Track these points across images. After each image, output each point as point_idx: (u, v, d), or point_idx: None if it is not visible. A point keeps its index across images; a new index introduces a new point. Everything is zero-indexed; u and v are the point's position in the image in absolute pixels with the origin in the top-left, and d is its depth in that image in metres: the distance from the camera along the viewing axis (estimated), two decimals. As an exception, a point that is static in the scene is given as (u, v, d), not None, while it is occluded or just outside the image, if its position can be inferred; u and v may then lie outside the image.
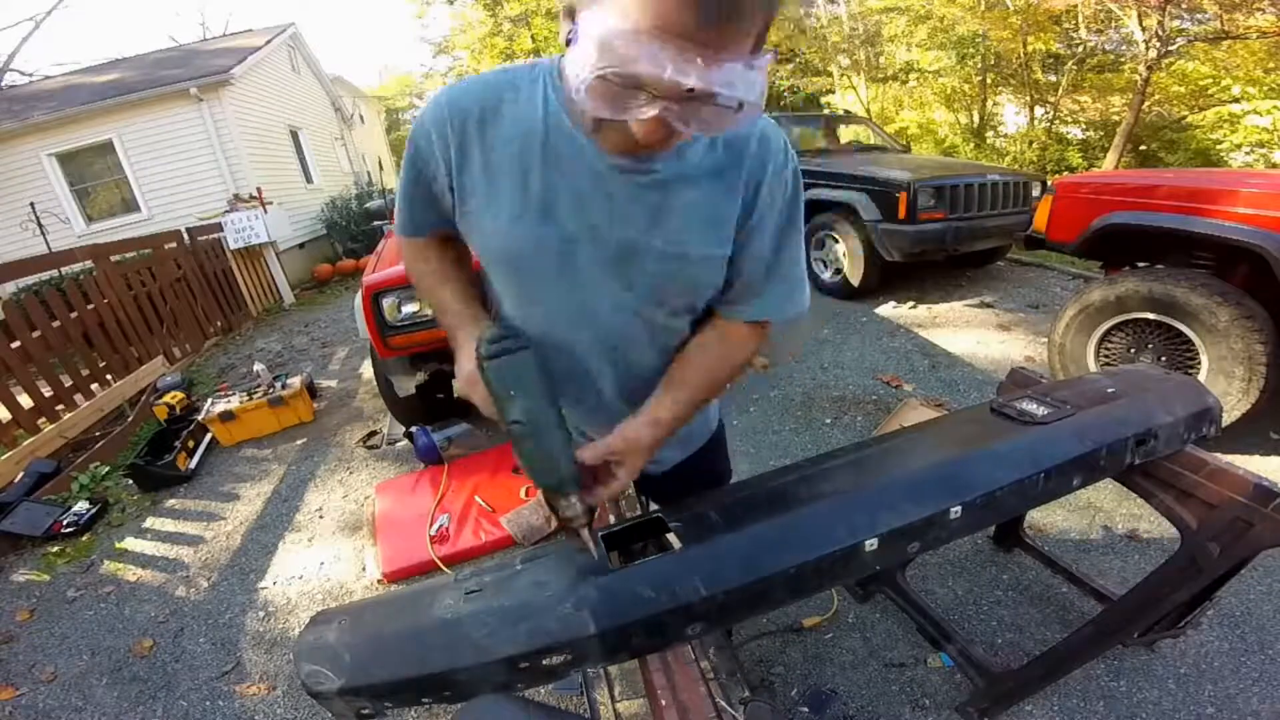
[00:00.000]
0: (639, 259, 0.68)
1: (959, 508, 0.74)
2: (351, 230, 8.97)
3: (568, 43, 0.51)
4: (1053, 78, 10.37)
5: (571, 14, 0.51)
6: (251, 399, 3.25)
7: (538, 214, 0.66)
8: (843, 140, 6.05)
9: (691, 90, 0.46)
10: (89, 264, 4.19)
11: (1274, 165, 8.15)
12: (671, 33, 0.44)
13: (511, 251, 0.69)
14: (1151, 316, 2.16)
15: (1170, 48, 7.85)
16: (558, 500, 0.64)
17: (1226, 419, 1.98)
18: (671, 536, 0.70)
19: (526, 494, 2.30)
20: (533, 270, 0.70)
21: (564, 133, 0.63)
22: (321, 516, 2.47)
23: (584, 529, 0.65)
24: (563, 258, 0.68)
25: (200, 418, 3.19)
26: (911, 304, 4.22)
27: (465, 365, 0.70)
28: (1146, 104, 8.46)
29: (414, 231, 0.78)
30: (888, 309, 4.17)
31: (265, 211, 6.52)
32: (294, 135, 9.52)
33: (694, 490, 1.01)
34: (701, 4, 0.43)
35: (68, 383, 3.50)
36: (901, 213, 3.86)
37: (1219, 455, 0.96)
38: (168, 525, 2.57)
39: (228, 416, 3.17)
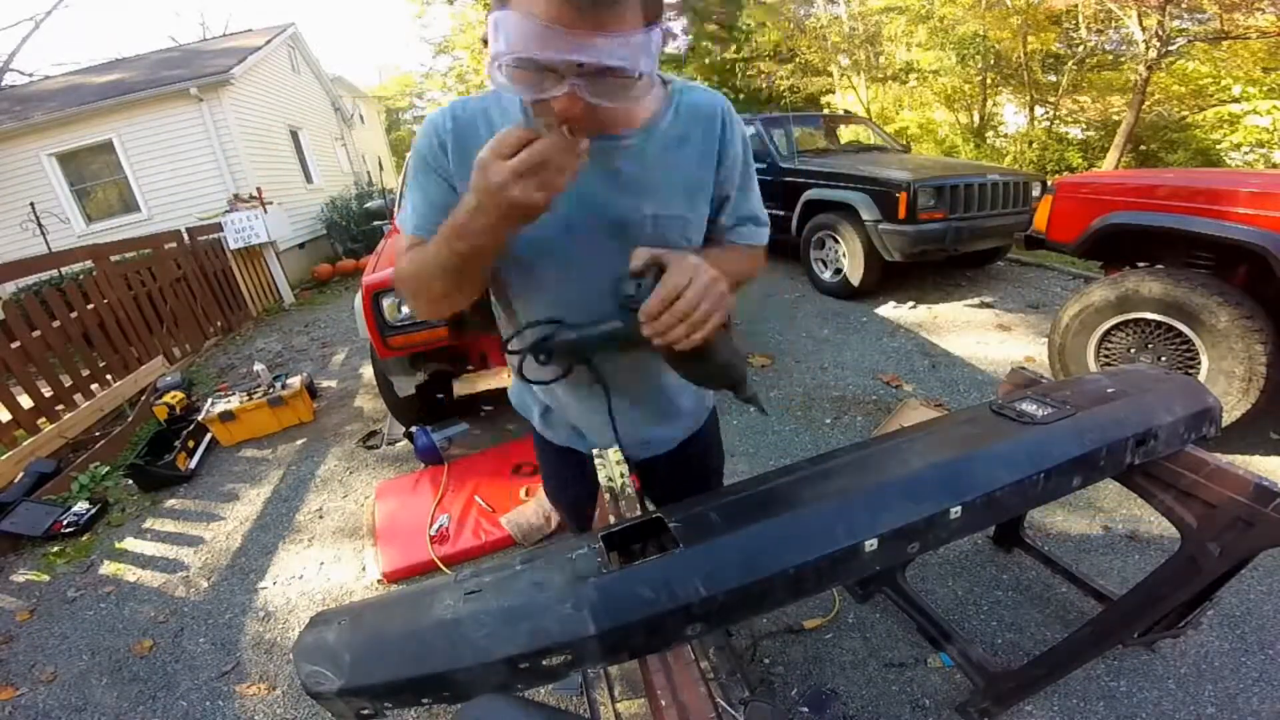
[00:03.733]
0: (633, 230, 0.74)
1: (959, 508, 0.74)
2: (351, 230, 8.97)
3: (484, 41, 0.58)
4: (1053, 78, 10.37)
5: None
6: (251, 399, 3.25)
7: None
8: (843, 140, 6.05)
9: (582, 65, 0.53)
10: (89, 264, 4.20)
11: (1274, 165, 8.14)
12: (556, 19, 0.50)
13: (518, 251, 0.73)
14: (1152, 316, 2.16)
15: (1170, 48, 7.85)
16: (745, 385, 0.74)
17: (1226, 419, 1.98)
18: (671, 537, 0.70)
19: (526, 494, 2.30)
20: (538, 260, 0.75)
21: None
22: (321, 517, 2.47)
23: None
24: (565, 244, 0.73)
25: (200, 418, 3.19)
26: (911, 304, 4.22)
27: (479, 179, 0.61)
28: (1146, 104, 8.45)
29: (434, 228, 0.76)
30: (888, 309, 4.17)
31: (265, 211, 6.52)
32: (294, 135, 9.52)
33: (693, 478, 1.04)
34: None
35: (68, 383, 3.51)
36: (901, 213, 3.86)
37: (1219, 455, 0.96)
38: (168, 525, 2.57)
39: (228, 416, 3.17)
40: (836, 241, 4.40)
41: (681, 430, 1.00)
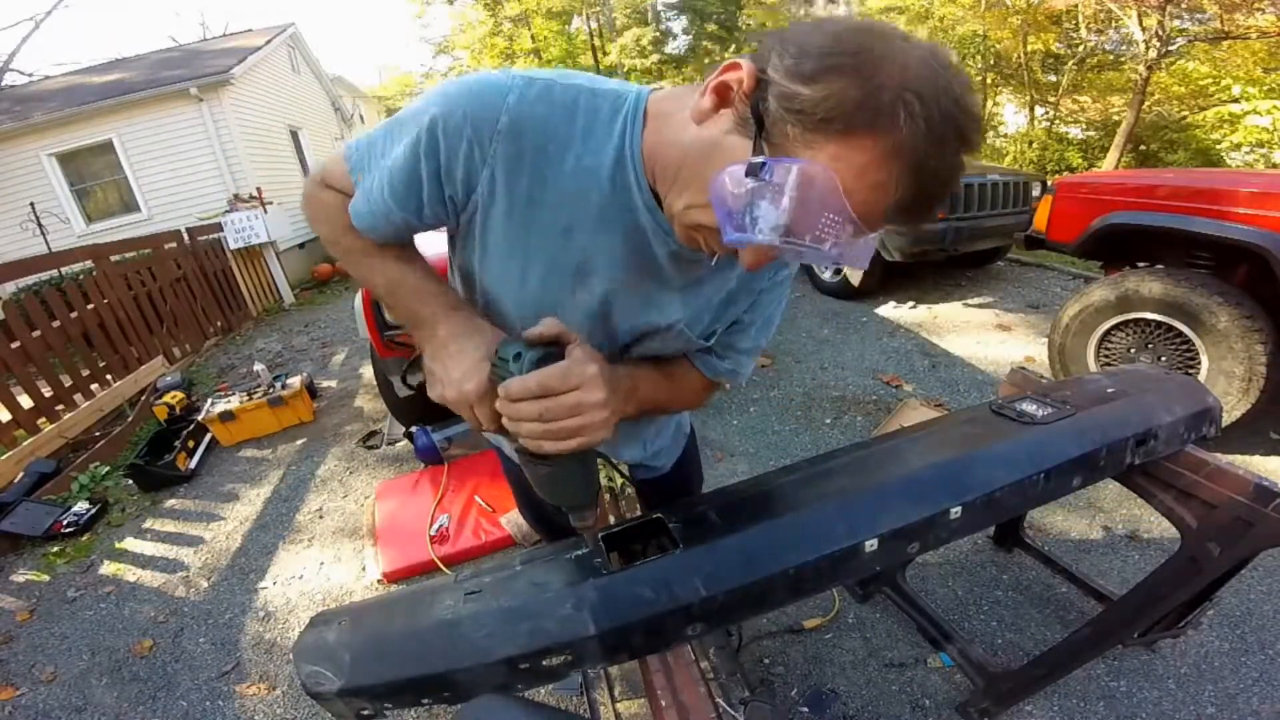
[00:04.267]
0: (647, 338, 0.68)
1: (959, 508, 0.74)
2: (351, 230, 8.96)
3: (753, 173, 0.42)
4: (1053, 78, 10.38)
5: (755, 120, 0.44)
6: (251, 399, 3.25)
7: (572, 276, 0.61)
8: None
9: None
10: (89, 264, 4.20)
11: (1274, 165, 8.14)
12: (866, 219, 0.43)
13: (538, 308, 0.62)
14: (1152, 316, 2.16)
15: (1170, 48, 7.85)
16: (582, 514, 0.61)
17: (1226, 419, 1.98)
18: (671, 537, 0.70)
19: (526, 494, 2.30)
20: (528, 321, 0.61)
21: (627, 196, 0.56)
22: (321, 517, 2.47)
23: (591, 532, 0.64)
24: (591, 319, 0.65)
25: (200, 418, 3.19)
26: (911, 304, 4.22)
27: (458, 371, 0.57)
28: (1146, 104, 8.45)
29: (386, 235, 0.63)
30: (888, 309, 4.17)
31: (265, 211, 6.52)
32: (294, 135, 9.52)
33: (670, 493, 1.02)
34: (912, 209, 0.44)
35: (68, 383, 3.50)
36: (901, 213, 3.85)
37: (1219, 455, 0.96)
38: (167, 525, 2.57)
39: (228, 416, 3.16)
40: (836, 241, 4.39)
41: (646, 454, 0.96)
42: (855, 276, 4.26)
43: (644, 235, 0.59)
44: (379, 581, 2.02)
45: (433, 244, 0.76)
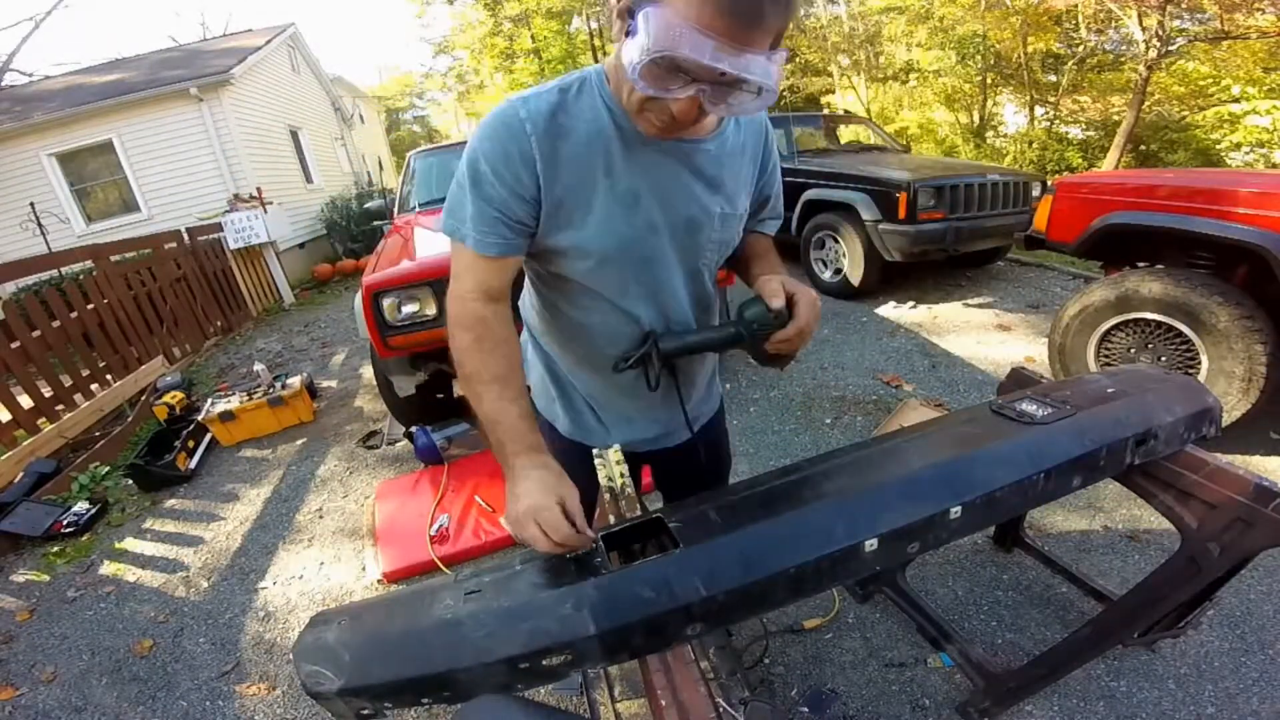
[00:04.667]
0: (704, 227, 0.81)
1: (959, 508, 0.74)
2: (351, 230, 8.97)
3: (627, 33, 0.59)
4: (1053, 78, 10.37)
5: (627, 13, 0.60)
6: (251, 399, 3.25)
7: (625, 208, 0.75)
8: (843, 140, 6.05)
9: (723, 74, 0.58)
10: (89, 264, 4.20)
11: (1274, 165, 8.14)
12: (711, 28, 0.54)
13: (608, 250, 0.77)
14: (1152, 316, 2.16)
15: (1170, 48, 7.85)
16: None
17: (1226, 419, 1.98)
18: (671, 537, 0.70)
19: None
20: (620, 258, 0.79)
21: (619, 128, 0.72)
22: (321, 517, 2.47)
23: None
24: (648, 242, 0.78)
25: (200, 418, 3.19)
26: (911, 304, 4.22)
27: (528, 500, 0.67)
28: (1146, 104, 8.45)
29: (505, 250, 0.75)
30: (888, 309, 4.17)
31: (265, 211, 6.51)
32: (294, 135, 9.52)
33: (711, 462, 1.12)
34: (734, 8, 0.54)
35: (68, 383, 3.50)
36: (901, 213, 3.86)
37: (1219, 455, 0.96)
38: (167, 525, 2.57)
39: (228, 416, 3.17)
40: (836, 241, 4.40)
41: (709, 410, 1.09)
42: (855, 276, 4.27)
43: (646, 151, 0.74)
44: (379, 581, 2.02)
45: (436, 245, 0.82)
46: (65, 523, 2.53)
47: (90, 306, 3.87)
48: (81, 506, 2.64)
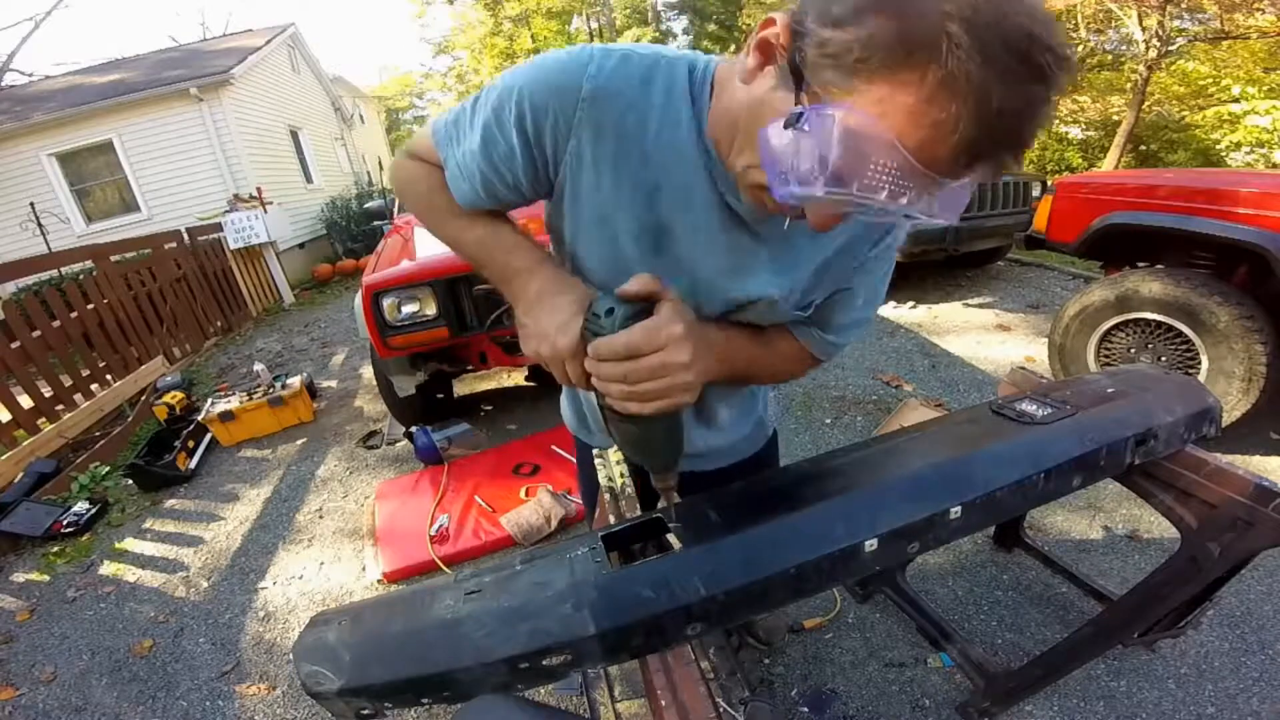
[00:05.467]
0: (750, 308, 0.67)
1: (959, 508, 0.74)
2: (351, 230, 8.98)
3: (793, 124, 0.41)
4: (1053, 78, 10.35)
5: (796, 76, 0.42)
6: (251, 399, 3.25)
7: (658, 240, 0.62)
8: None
9: (908, 216, 0.43)
10: (89, 264, 4.20)
11: (1274, 165, 8.14)
12: (932, 166, 0.39)
13: (627, 274, 0.59)
14: (1152, 316, 2.16)
15: (1170, 48, 7.85)
16: (664, 475, 0.65)
17: (1226, 419, 1.98)
18: (671, 537, 0.70)
19: (526, 494, 2.30)
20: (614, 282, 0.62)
21: (702, 164, 0.58)
22: (321, 517, 2.47)
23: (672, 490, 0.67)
24: (679, 289, 0.61)
25: (200, 418, 3.19)
26: (911, 304, 4.22)
27: (552, 326, 0.56)
28: (1146, 104, 8.45)
29: (473, 202, 0.64)
30: (888, 309, 4.17)
31: (265, 211, 6.52)
32: (294, 135, 9.53)
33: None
34: (979, 148, 0.39)
35: (68, 383, 3.50)
36: (901, 213, 3.85)
37: (1219, 455, 0.96)
38: (167, 525, 2.57)
39: (228, 416, 3.17)
40: (836, 241, 4.40)
41: (726, 443, 0.91)
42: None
43: (721, 202, 0.59)
44: (379, 581, 2.02)
45: (436, 245, 0.77)
46: (65, 523, 2.54)
47: (90, 306, 3.87)
48: (81, 506, 2.64)
